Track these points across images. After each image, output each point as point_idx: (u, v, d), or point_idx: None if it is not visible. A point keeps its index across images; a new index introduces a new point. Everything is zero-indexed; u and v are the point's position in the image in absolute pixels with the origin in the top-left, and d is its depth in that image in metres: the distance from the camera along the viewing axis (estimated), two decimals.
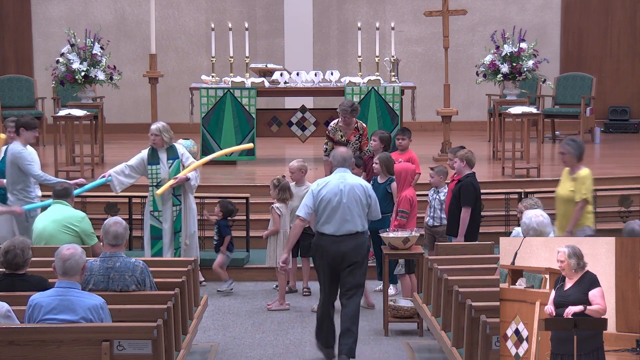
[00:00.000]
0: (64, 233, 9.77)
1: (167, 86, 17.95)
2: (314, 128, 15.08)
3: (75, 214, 9.98)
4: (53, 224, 9.85)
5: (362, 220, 9.04)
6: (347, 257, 8.99)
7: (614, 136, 18.15)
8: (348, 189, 9.00)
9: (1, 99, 17.50)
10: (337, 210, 8.97)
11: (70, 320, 6.99)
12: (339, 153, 9.25)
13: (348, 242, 8.98)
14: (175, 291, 8.06)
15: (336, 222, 8.98)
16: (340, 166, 9.16)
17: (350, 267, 9.02)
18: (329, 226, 9.00)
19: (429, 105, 17.79)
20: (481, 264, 9.21)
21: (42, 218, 10.07)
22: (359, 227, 9.02)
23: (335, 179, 9.08)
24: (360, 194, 9.02)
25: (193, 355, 9.39)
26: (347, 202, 8.96)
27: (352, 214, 8.98)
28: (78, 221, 9.87)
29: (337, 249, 8.98)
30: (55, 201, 10.11)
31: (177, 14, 18.92)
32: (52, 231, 9.80)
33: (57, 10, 18.74)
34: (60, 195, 10.12)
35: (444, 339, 8.46)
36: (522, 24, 16.39)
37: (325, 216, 9.00)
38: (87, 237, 9.83)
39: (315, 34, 18.57)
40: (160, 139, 11.24)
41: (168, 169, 11.24)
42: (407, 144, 12.34)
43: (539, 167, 14.24)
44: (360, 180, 9.36)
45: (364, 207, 9.04)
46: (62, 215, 9.92)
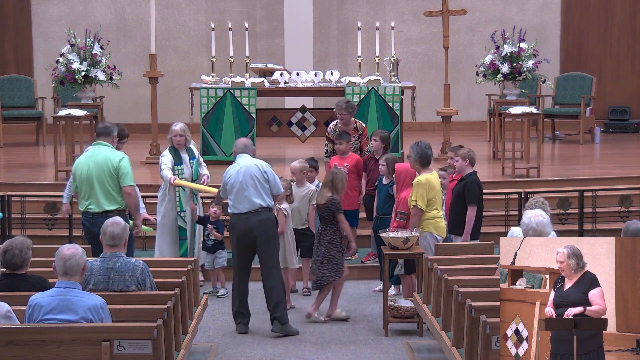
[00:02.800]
0: (108, 175, 10.10)
1: (167, 86, 17.94)
2: (314, 128, 15.08)
3: (115, 154, 10.24)
4: (96, 166, 10.13)
5: (264, 197, 10.00)
6: (254, 231, 9.94)
7: (614, 136, 18.15)
8: (244, 169, 10.03)
9: (1, 99, 17.50)
10: (240, 190, 10.00)
11: (70, 320, 6.99)
12: (240, 141, 10.39)
13: (254, 217, 9.95)
14: (175, 291, 8.06)
15: (241, 200, 9.99)
16: (241, 152, 10.20)
17: (258, 243, 9.98)
18: (237, 205, 10.01)
19: (429, 105, 17.79)
20: (481, 264, 9.21)
21: (85, 160, 10.26)
22: (263, 203, 9.99)
23: (236, 164, 10.15)
24: (255, 172, 10.01)
25: (193, 355, 9.40)
26: (245, 180, 9.98)
27: (252, 192, 9.97)
28: (117, 162, 10.15)
29: (244, 224, 9.96)
30: (97, 142, 10.32)
31: (177, 14, 18.92)
32: (97, 173, 10.11)
33: (57, 10, 18.73)
34: (102, 134, 10.35)
35: (444, 339, 8.46)
36: (522, 24, 16.40)
37: (233, 197, 10.04)
38: (122, 178, 10.15)
39: (315, 34, 18.56)
40: (184, 139, 11.47)
41: (191, 169, 11.45)
42: (345, 149, 12.25)
43: (539, 167, 14.24)
44: (256, 160, 10.20)
45: (262, 183, 10.02)
46: (103, 156, 10.18)
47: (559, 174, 14.56)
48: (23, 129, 18.04)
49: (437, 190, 10.36)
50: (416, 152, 10.31)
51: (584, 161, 16.25)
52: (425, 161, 10.33)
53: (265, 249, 10.06)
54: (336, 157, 12.30)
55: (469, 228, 10.59)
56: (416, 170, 10.40)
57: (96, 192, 10.12)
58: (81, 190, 10.22)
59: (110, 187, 10.14)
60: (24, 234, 11.29)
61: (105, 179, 10.12)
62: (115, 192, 10.16)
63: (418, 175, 10.38)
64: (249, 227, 9.96)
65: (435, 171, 10.55)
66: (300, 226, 11.46)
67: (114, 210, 10.04)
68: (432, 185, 10.27)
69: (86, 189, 10.16)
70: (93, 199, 10.14)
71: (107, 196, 10.13)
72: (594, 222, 12.99)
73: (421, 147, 10.32)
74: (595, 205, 13.05)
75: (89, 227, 10.16)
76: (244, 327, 10.17)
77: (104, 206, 10.09)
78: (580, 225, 12.91)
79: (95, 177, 10.13)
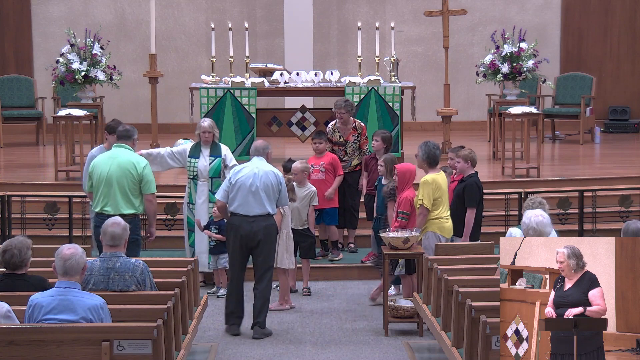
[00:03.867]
0: (129, 179, 10.10)
1: (167, 86, 17.94)
2: (314, 128, 15.06)
3: (139, 160, 10.24)
4: (118, 168, 10.10)
5: (272, 204, 10.01)
6: (256, 236, 9.93)
7: (614, 136, 18.14)
8: (262, 174, 9.97)
9: (1, 99, 17.49)
10: (252, 193, 9.91)
11: (70, 320, 6.99)
12: (255, 143, 10.38)
13: (259, 222, 9.93)
14: (175, 291, 8.06)
15: (251, 203, 9.92)
16: (256, 155, 10.17)
17: (259, 247, 9.96)
18: (245, 207, 9.92)
19: (429, 105, 17.79)
20: (481, 264, 9.21)
21: (106, 161, 10.22)
22: (270, 210, 9.98)
23: (251, 165, 10.06)
24: (273, 181, 9.99)
25: (193, 355, 9.40)
26: (260, 185, 9.92)
27: (264, 198, 9.92)
28: (141, 168, 10.15)
29: (249, 228, 9.92)
30: (118, 145, 10.29)
31: (177, 14, 18.91)
32: (119, 176, 10.07)
33: (57, 10, 18.73)
34: (122, 137, 10.33)
35: (444, 339, 8.46)
36: (522, 24, 16.39)
37: (241, 198, 9.92)
38: (146, 185, 10.16)
39: (315, 34, 18.56)
40: (212, 136, 11.57)
41: (208, 164, 11.47)
42: (324, 148, 12.37)
43: (539, 167, 14.24)
44: (274, 168, 10.21)
45: (275, 192, 10.00)
46: (126, 160, 10.15)
47: (559, 174, 14.56)
48: (23, 129, 18.03)
49: (443, 190, 10.36)
50: (424, 151, 10.36)
51: (583, 161, 16.24)
52: (432, 161, 10.37)
53: (265, 253, 10.05)
54: (313, 156, 12.42)
55: (467, 231, 10.61)
56: (423, 169, 10.43)
57: (115, 194, 10.09)
58: (98, 191, 10.17)
59: (130, 190, 10.12)
60: (24, 234, 11.30)
61: (127, 182, 10.09)
62: (134, 196, 10.13)
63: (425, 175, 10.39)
64: (254, 230, 9.92)
65: (442, 171, 10.57)
66: (299, 226, 11.46)
67: (131, 215, 10.02)
68: (438, 185, 10.29)
69: (104, 190, 10.11)
70: (110, 201, 10.09)
71: (125, 199, 10.10)
72: (594, 222, 12.99)
73: (429, 147, 10.37)
74: (595, 205, 13.06)
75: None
76: (236, 329, 10.14)
77: (121, 209, 10.04)
78: (580, 225, 12.91)
79: (117, 179, 10.09)
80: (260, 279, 10.10)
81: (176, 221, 12.70)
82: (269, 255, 10.11)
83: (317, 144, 12.41)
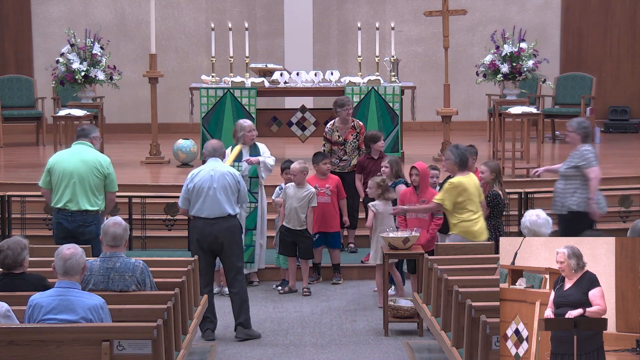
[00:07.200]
0: (94, 175, 10.05)
1: (167, 86, 17.94)
2: (314, 128, 15.07)
3: (104, 158, 10.23)
4: (83, 165, 10.05)
5: (232, 205, 9.89)
6: (220, 239, 9.83)
7: (614, 136, 18.14)
8: (218, 175, 9.86)
9: (1, 99, 17.49)
10: (210, 196, 9.83)
11: (70, 320, 6.99)
12: (210, 144, 10.19)
13: (221, 223, 9.83)
14: (175, 291, 8.06)
15: (210, 206, 9.83)
16: (211, 156, 10.05)
17: (224, 250, 9.87)
18: (204, 210, 9.84)
19: (429, 105, 17.79)
20: (481, 264, 9.20)
21: (69, 157, 10.16)
22: (230, 211, 9.86)
23: (207, 168, 9.96)
24: (230, 182, 9.87)
25: (193, 355, 9.40)
26: (217, 187, 9.82)
27: (223, 199, 9.83)
28: (107, 166, 10.14)
29: (210, 230, 9.84)
30: (78, 142, 10.26)
31: (177, 14, 18.92)
32: (83, 172, 10.01)
33: (57, 10, 18.73)
34: (81, 135, 10.30)
35: (444, 339, 8.46)
36: (522, 24, 16.38)
37: (201, 201, 9.84)
38: (111, 183, 10.16)
39: (315, 34, 18.56)
40: (256, 134, 11.73)
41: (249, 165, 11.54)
42: (327, 169, 12.17)
43: (539, 167, 14.22)
44: (230, 168, 10.19)
45: (233, 192, 9.89)
46: (92, 157, 10.12)
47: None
48: (23, 129, 18.03)
49: (471, 192, 10.10)
50: (456, 155, 10.23)
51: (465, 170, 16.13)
52: (463, 164, 10.25)
53: (231, 255, 9.92)
54: (314, 177, 12.07)
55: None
56: (453, 172, 10.32)
57: (76, 191, 10.01)
58: (59, 187, 10.06)
59: (95, 187, 10.06)
60: (24, 234, 11.30)
61: (92, 179, 10.03)
62: (97, 193, 10.08)
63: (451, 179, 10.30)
64: (215, 233, 9.82)
65: (472, 174, 10.44)
66: (298, 227, 11.46)
67: (94, 211, 10.00)
68: (464, 188, 10.11)
69: (65, 186, 10.03)
70: (72, 197, 10.02)
71: (87, 196, 10.01)
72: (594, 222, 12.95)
73: (461, 150, 10.26)
74: None
75: (65, 225, 9.98)
76: (210, 334, 9.99)
77: (83, 205, 9.99)
78: None
79: (80, 175, 10.01)
80: (232, 282, 10.01)
81: (176, 221, 12.69)
82: (235, 256, 9.97)
83: (323, 164, 12.05)
